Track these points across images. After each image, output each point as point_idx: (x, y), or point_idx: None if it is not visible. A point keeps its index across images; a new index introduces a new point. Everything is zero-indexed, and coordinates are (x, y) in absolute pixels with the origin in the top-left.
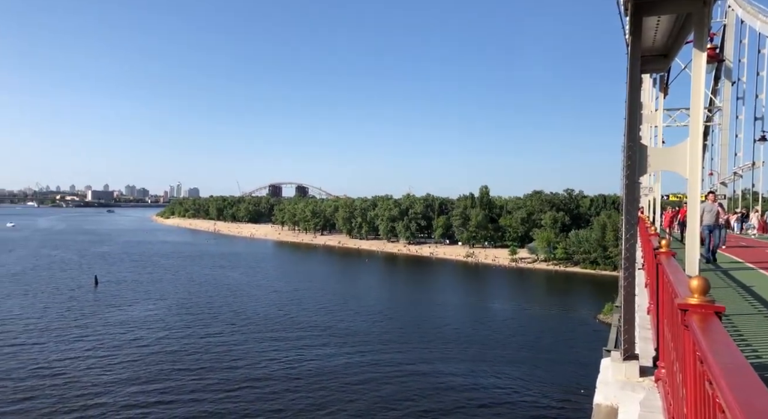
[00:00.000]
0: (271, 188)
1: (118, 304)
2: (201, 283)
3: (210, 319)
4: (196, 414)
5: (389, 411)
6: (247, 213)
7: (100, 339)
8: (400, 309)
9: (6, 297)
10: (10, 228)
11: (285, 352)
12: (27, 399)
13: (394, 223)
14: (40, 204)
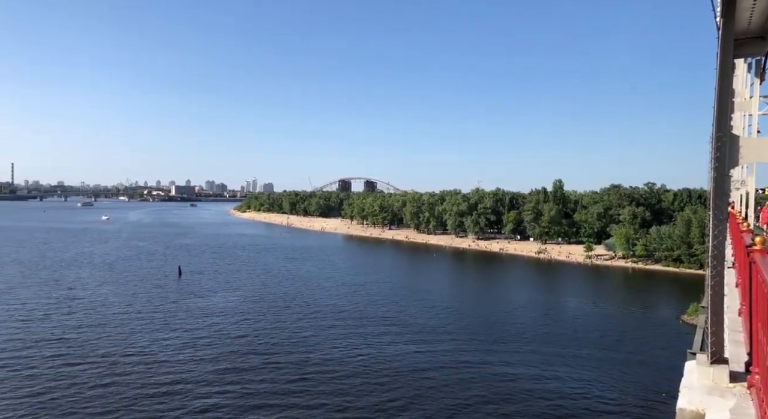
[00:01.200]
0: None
1: (200, 293)
2: (275, 274)
3: (283, 308)
4: (268, 396)
5: (457, 405)
6: (318, 207)
7: (183, 325)
8: (469, 304)
9: (102, 284)
10: (105, 221)
11: (353, 342)
12: (117, 376)
13: (462, 218)
14: (130, 199)
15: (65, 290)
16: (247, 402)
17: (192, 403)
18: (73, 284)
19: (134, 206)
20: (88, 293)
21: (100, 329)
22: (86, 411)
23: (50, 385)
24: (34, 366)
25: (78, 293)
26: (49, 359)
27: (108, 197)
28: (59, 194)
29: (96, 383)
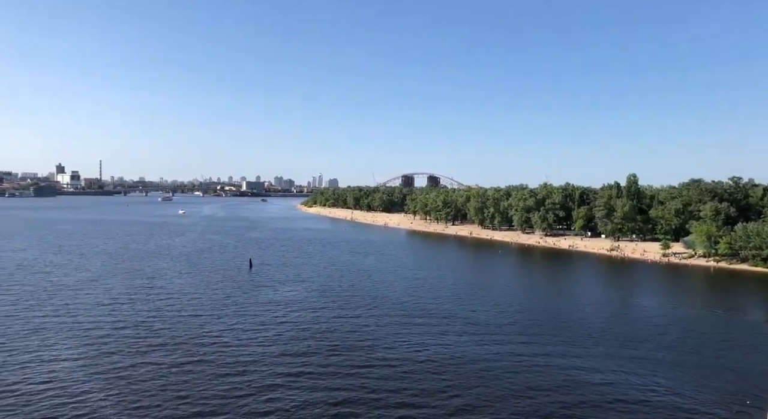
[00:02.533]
0: (403, 179)
1: (269, 285)
2: (339, 268)
3: (347, 301)
4: (331, 384)
5: (522, 403)
6: (381, 203)
7: (253, 314)
8: (536, 302)
9: (179, 275)
10: (181, 215)
11: (416, 336)
12: (193, 359)
13: (529, 213)
14: (204, 194)
15: (146, 280)
16: (311, 389)
17: (260, 387)
18: (154, 274)
19: (208, 200)
20: (167, 282)
21: (177, 316)
22: (165, 390)
23: (132, 366)
24: (118, 349)
25: (158, 282)
26: (132, 342)
27: (184, 192)
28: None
29: (173, 365)
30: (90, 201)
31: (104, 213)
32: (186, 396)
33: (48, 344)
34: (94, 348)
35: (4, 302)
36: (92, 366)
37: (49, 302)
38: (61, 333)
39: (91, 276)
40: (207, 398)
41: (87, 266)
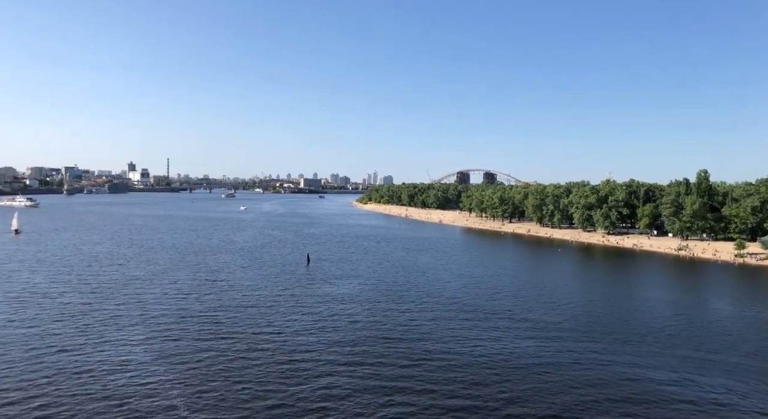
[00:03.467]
0: (459, 175)
1: (326, 279)
2: (394, 264)
3: (401, 297)
4: (384, 376)
5: (572, 401)
6: (436, 200)
7: (311, 308)
8: (596, 302)
9: (241, 268)
10: (243, 211)
11: (470, 333)
12: (250, 351)
13: (590, 211)
14: (264, 191)
15: (210, 273)
16: (363, 379)
17: (315, 376)
18: (217, 268)
19: (268, 197)
20: (230, 275)
21: (239, 307)
22: (225, 375)
23: (196, 352)
24: (183, 336)
25: (221, 275)
26: (197, 330)
27: (245, 189)
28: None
29: (234, 352)
30: (158, 198)
31: (171, 209)
32: (245, 381)
33: (121, 331)
34: (162, 335)
35: (84, 291)
36: (160, 352)
37: (122, 293)
38: (133, 321)
39: (160, 269)
40: (264, 384)
41: (156, 260)
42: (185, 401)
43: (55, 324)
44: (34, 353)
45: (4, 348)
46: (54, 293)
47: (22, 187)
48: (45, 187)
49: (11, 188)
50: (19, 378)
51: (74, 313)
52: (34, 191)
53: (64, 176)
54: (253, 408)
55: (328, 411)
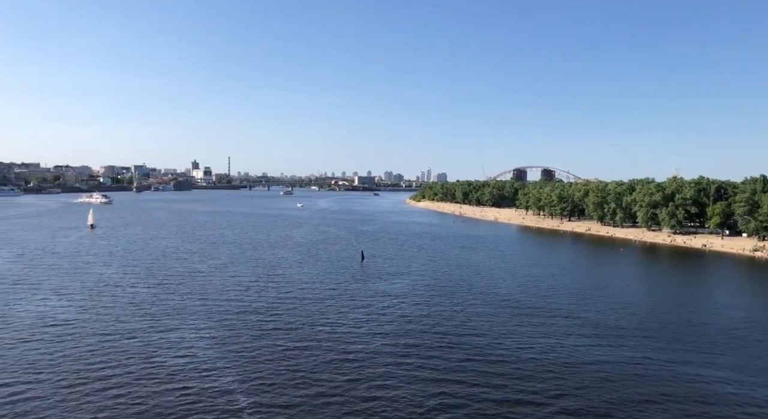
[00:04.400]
0: (515, 172)
1: (380, 276)
2: (447, 262)
3: (454, 294)
4: (437, 372)
5: (630, 408)
6: (491, 197)
7: (364, 304)
8: (661, 305)
9: (297, 264)
10: (299, 208)
11: (524, 332)
12: (306, 345)
13: (655, 209)
14: (320, 188)
15: (268, 268)
16: (415, 376)
17: (367, 371)
18: (275, 263)
19: (323, 194)
20: (287, 270)
21: (295, 301)
22: (282, 367)
23: (255, 345)
24: (243, 329)
25: (278, 270)
26: (256, 323)
27: (302, 186)
28: (263, 184)
29: (291, 345)
30: (219, 195)
31: (231, 206)
32: (299, 370)
33: (184, 320)
34: (222, 325)
35: (151, 283)
36: (220, 341)
37: (186, 285)
38: (195, 311)
39: (221, 263)
40: (318, 373)
41: (217, 254)
42: (241, 387)
43: (124, 313)
44: (106, 338)
45: (80, 334)
46: (124, 284)
47: (97, 185)
48: (116, 184)
49: (87, 186)
50: (92, 361)
51: (142, 303)
52: (107, 188)
53: (133, 174)
54: (306, 395)
55: (379, 401)
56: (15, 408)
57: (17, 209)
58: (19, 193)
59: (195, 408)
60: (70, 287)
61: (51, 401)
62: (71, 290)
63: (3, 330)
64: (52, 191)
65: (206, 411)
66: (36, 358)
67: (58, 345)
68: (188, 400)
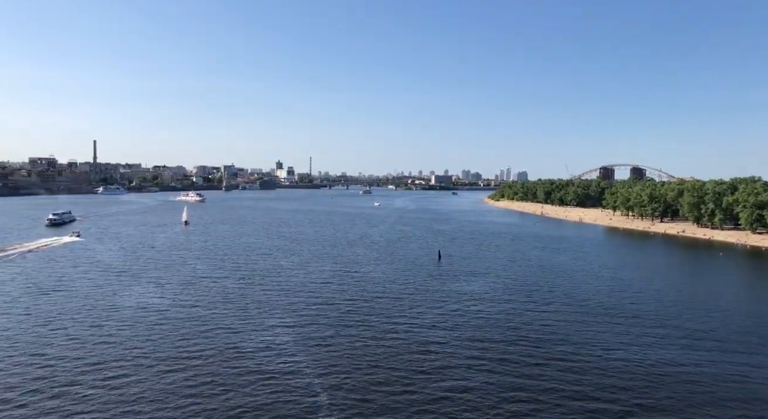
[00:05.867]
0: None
1: (457, 276)
2: (527, 263)
3: (534, 296)
4: (509, 373)
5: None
6: (575, 197)
7: (440, 302)
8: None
9: (377, 262)
10: (376, 207)
11: (607, 335)
12: (382, 339)
13: (762, 210)
14: (396, 187)
15: (347, 265)
16: (489, 374)
17: (442, 367)
18: (353, 260)
19: (400, 194)
20: (365, 268)
21: (373, 297)
22: (357, 360)
23: (332, 337)
24: (321, 322)
25: (357, 267)
26: (334, 317)
27: (379, 185)
28: (342, 183)
29: (367, 339)
30: (301, 194)
31: (312, 204)
32: (375, 366)
33: (267, 314)
34: (303, 320)
35: (237, 277)
36: (301, 335)
37: (270, 280)
38: (278, 305)
39: (302, 260)
40: (393, 370)
41: (299, 251)
42: (319, 376)
43: (214, 303)
44: (197, 326)
45: (172, 324)
46: (214, 277)
47: (190, 184)
48: (207, 184)
49: (182, 185)
50: (185, 346)
51: (230, 295)
52: (199, 187)
53: (222, 174)
54: (380, 390)
55: (454, 399)
56: (116, 386)
57: (122, 206)
58: (124, 191)
59: (275, 394)
60: (166, 279)
61: (148, 382)
62: (167, 281)
63: (110, 316)
64: (151, 190)
65: (286, 398)
66: (136, 342)
67: (155, 331)
68: (269, 386)
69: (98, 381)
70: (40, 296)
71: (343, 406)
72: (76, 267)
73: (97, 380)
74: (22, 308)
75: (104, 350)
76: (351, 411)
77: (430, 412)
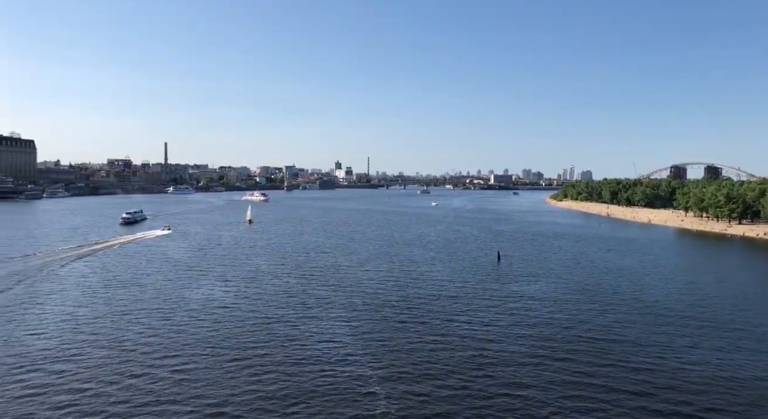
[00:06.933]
0: (672, 170)
1: (516, 278)
2: (591, 265)
3: (598, 298)
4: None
5: None
6: (644, 197)
7: (499, 303)
8: None
9: (434, 261)
10: (433, 207)
11: (676, 342)
12: (439, 339)
13: None
14: (454, 187)
15: (404, 264)
16: (551, 374)
17: (500, 365)
18: (411, 259)
19: (457, 194)
20: (422, 267)
21: (431, 297)
22: (415, 358)
23: (390, 335)
24: (379, 320)
25: (414, 266)
26: (392, 316)
27: (436, 185)
28: (399, 183)
29: (424, 338)
30: (359, 193)
31: (369, 204)
32: (431, 361)
33: (326, 310)
34: (360, 316)
35: (298, 274)
36: (358, 332)
37: (329, 277)
38: (336, 302)
39: (361, 259)
40: (451, 366)
41: (357, 250)
42: (376, 373)
43: (275, 300)
44: (260, 321)
45: (236, 317)
46: (276, 274)
47: (254, 184)
48: (269, 183)
49: (246, 185)
50: (247, 340)
51: (291, 291)
52: (262, 186)
53: (284, 174)
54: (436, 386)
55: (512, 399)
56: (184, 373)
57: (191, 205)
58: (193, 191)
59: (334, 385)
60: (231, 275)
61: (213, 371)
62: (232, 277)
63: (179, 309)
64: (218, 190)
65: (344, 389)
66: (204, 334)
67: (221, 323)
68: (328, 378)
69: (169, 367)
70: (119, 289)
71: (399, 400)
72: (150, 262)
73: (168, 366)
74: (103, 300)
75: (174, 340)
76: (406, 404)
77: (486, 408)
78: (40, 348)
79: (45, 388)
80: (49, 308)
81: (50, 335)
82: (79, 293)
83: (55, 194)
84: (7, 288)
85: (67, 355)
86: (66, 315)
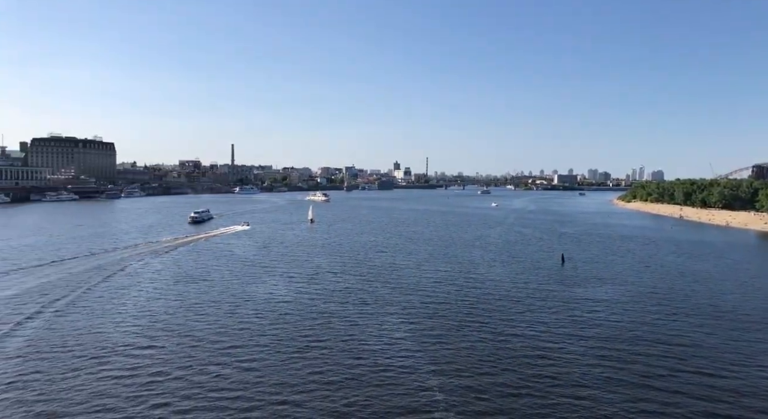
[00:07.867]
0: (755, 169)
1: (581, 282)
2: (662, 269)
3: (667, 303)
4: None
5: None
6: (722, 198)
7: (564, 306)
8: None
9: (495, 263)
10: (493, 208)
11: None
12: (500, 339)
13: None
14: (515, 187)
15: (464, 265)
16: (618, 381)
17: (563, 366)
18: (470, 261)
19: (519, 194)
20: (482, 269)
21: (491, 299)
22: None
23: (447, 334)
24: (438, 320)
25: (474, 268)
26: (452, 315)
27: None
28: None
29: (484, 339)
30: (417, 193)
31: (428, 204)
32: (490, 362)
33: (384, 309)
34: (418, 316)
35: (357, 273)
36: (416, 331)
37: (387, 277)
38: (394, 302)
39: (419, 259)
40: (511, 366)
41: (416, 250)
42: (435, 374)
43: (335, 297)
44: (319, 317)
45: (298, 314)
46: (336, 273)
47: (315, 184)
48: (330, 184)
49: (307, 186)
50: (308, 335)
51: (350, 289)
52: (323, 187)
53: (344, 175)
54: (497, 382)
55: (577, 401)
56: (247, 367)
57: (256, 204)
58: (257, 191)
59: (391, 385)
60: (293, 273)
61: (275, 366)
62: (294, 274)
63: (245, 304)
64: (281, 190)
65: (401, 390)
66: (266, 330)
67: (283, 319)
68: (385, 378)
69: (232, 362)
70: (190, 284)
71: (456, 402)
72: (218, 259)
73: (232, 361)
74: (175, 294)
75: (239, 334)
76: (464, 407)
77: (548, 407)
78: (118, 339)
79: (121, 376)
80: (128, 300)
81: (128, 326)
82: (152, 288)
83: (132, 193)
84: (91, 281)
85: (143, 345)
86: (141, 308)
